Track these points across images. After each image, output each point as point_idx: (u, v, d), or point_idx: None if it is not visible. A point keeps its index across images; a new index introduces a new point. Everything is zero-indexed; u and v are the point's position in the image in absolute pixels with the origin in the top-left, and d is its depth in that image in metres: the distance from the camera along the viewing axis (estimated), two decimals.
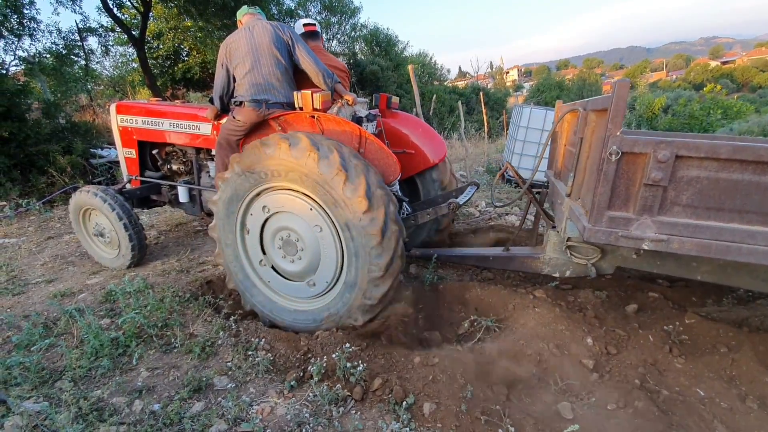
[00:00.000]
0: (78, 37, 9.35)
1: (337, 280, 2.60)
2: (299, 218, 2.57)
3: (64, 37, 8.73)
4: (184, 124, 3.65)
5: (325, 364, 2.27)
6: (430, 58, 22.36)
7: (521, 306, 2.78)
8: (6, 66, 6.94)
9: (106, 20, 10.27)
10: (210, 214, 3.83)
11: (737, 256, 1.72)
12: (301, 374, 2.30)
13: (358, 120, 3.02)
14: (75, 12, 8.91)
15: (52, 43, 8.44)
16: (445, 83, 23.69)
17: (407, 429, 1.93)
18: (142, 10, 10.18)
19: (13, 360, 2.36)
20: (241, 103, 2.89)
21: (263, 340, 2.56)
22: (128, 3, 10.28)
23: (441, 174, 3.57)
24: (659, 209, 1.79)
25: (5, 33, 6.90)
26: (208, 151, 3.74)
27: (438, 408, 2.03)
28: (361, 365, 2.21)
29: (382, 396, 2.13)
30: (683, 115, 9.27)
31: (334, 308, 2.59)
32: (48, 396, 2.18)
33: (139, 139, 3.98)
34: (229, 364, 2.41)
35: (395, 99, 3.60)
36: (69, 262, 4.15)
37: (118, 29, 10.53)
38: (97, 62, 12.08)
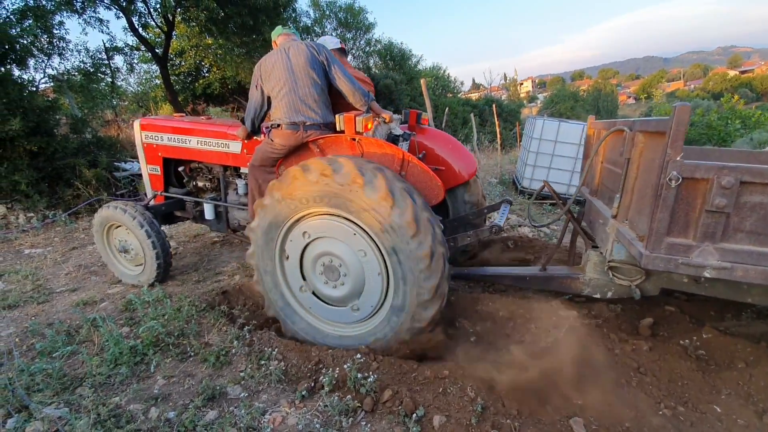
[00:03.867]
0: (105, 56, 9.76)
1: (382, 304, 2.58)
2: (341, 243, 2.53)
3: (91, 55, 9.10)
4: (213, 142, 3.60)
5: (336, 375, 2.29)
6: (444, 71, 22.56)
7: (534, 319, 2.76)
8: (36, 83, 7.28)
9: (131, 39, 10.70)
10: (235, 231, 3.83)
11: None
12: (313, 384, 2.33)
13: (393, 139, 3.00)
14: (102, 32, 9.33)
15: (80, 61, 8.79)
16: (459, 95, 23.80)
17: None
18: (165, 29, 10.59)
19: (36, 367, 2.45)
20: (278, 125, 2.83)
21: (276, 350, 2.60)
22: (153, 23, 10.71)
23: (471, 191, 3.48)
24: (722, 236, 1.75)
25: (36, 52, 7.24)
26: (236, 168, 3.70)
27: (448, 421, 2.03)
28: (372, 376, 2.23)
29: (392, 407, 2.14)
30: (701, 125, 9.08)
31: (382, 332, 2.56)
32: (68, 402, 2.25)
33: (164, 156, 3.95)
34: (242, 373, 2.45)
35: (425, 115, 3.54)
36: (92, 271, 4.29)
37: (142, 48, 10.95)
38: (123, 79, 12.58)
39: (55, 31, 7.57)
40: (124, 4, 9.21)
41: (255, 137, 3.30)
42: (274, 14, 10.67)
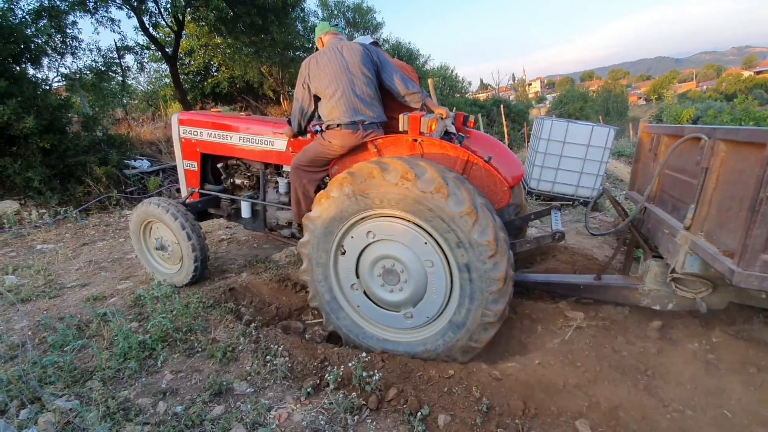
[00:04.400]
0: (116, 55, 9.89)
1: (439, 317, 2.51)
2: (408, 249, 2.46)
3: (103, 55, 9.23)
4: (257, 139, 3.52)
5: (341, 373, 2.30)
6: (452, 71, 22.50)
7: (540, 320, 2.75)
8: (49, 82, 7.40)
9: (142, 39, 10.84)
10: (272, 230, 3.74)
11: None
12: (318, 382, 2.34)
13: (448, 137, 2.91)
14: (114, 32, 9.46)
15: (92, 60, 8.93)
16: (467, 95, 23.72)
17: None
18: (175, 28, 10.70)
19: (48, 360, 2.50)
20: (338, 125, 2.74)
21: (282, 347, 2.62)
22: (163, 22, 10.83)
23: (516, 196, 3.32)
24: None
25: (50, 51, 7.37)
26: (277, 166, 3.63)
27: (453, 420, 2.03)
28: (377, 374, 2.24)
29: (396, 406, 2.15)
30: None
31: (432, 345, 2.50)
32: (79, 395, 2.29)
33: (202, 152, 3.86)
34: (248, 369, 2.47)
35: (471, 118, 3.41)
36: (102, 267, 4.36)
37: (153, 47, 11.08)
38: (133, 78, 12.72)
39: (68, 31, 7.70)
40: (135, 3, 9.31)
41: (301, 138, 3.21)
42: (282, 14, 10.72)
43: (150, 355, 2.64)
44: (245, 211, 3.73)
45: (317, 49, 3.02)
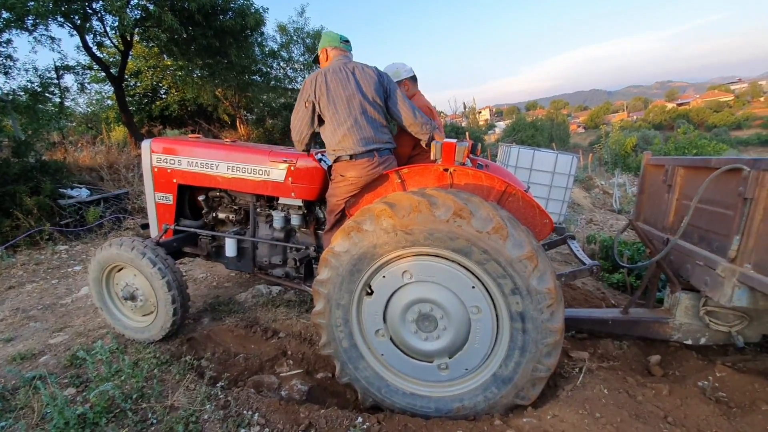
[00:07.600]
0: (54, 75, 9.07)
1: (479, 369, 2.26)
2: (451, 293, 2.21)
3: (40, 75, 8.42)
4: (249, 168, 3.09)
5: None
6: None
7: None
8: None
9: (84, 58, 10.08)
10: (262, 269, 3.32)
11: None
12: None
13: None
14: (53, 51, 8.71)
15: (27, 80, 8.12)
16: None
17: None
18: (122, 48, 10.07)
19: None
20: (350, 156, 2.54)
21: (257, 412, 2.23)
22: (108, 42, 10.16)
23: None
24: None
25: None
26: (270, 198, 3.27)
27: None
28: None
29: None
30: (659, 154, 9.72)
31: (471, 401, 2.23)
32: None
33: (180, 183, 3.37)
34: None
35: (479, 146, 3.23)
36: (30, 316, 3.71)
37: (95, 67, 10.33)
38: (72, 99, 11.72)
39: (2, 49, 6.99)
40: (79, 22, 8.66)
41: (306, 165, 2.94)
42: (241, 37, 10.43)
43: None
44: (230, 249, 3.28)
45: (317, 58, 2.87)
